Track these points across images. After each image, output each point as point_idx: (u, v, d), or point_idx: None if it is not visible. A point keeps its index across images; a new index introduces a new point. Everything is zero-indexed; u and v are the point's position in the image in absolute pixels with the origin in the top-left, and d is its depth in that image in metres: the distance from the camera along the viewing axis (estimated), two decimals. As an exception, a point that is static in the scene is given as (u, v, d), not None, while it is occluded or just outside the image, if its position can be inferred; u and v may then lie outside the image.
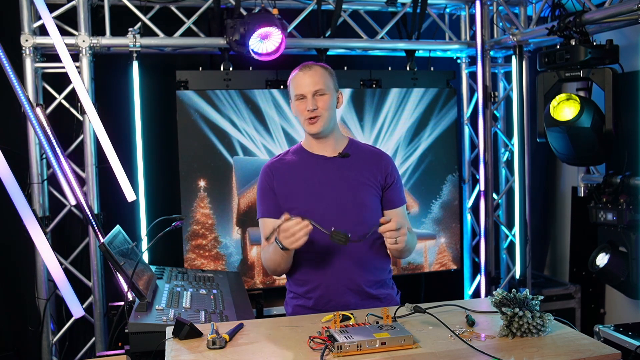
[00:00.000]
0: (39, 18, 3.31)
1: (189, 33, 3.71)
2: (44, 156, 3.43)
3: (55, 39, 3.25)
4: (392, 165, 2.26)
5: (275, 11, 3.43)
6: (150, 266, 2.73)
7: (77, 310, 3.12)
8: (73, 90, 3.40)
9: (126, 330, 2.04)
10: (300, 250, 2.02)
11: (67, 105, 3.54)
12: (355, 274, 2.16)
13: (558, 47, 3.14)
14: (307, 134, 2.22)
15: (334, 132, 2.21)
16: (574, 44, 3.06)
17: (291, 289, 2.27)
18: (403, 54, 4.14)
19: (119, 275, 2.80)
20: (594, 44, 3.05)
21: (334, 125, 2.21)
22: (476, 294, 4.28)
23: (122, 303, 2.44)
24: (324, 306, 2.15)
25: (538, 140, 3.36)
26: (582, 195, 3.70)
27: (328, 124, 2.15)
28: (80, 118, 3.51)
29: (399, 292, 2.33)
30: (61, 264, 3.37)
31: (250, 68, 3.82)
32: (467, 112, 4.36)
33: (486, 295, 4.13)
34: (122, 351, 2.35)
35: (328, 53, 3.93)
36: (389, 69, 4.17)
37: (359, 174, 2.18)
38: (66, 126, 3.57)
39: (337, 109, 2.23)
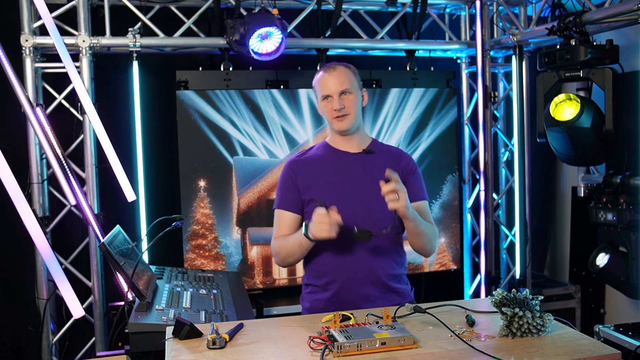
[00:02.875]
0: (39, 18, 3.31)
1: (189, 33, 3.71)
2: (44, 156, 3.43)
3: (55, 39, 3.25)
4: (413, 164, 2.32)
5: (275, 11, 3.43)
6: (150, 266, 2.73)
7: (77, 310, 3.11)
8: (73, 90, 3.40)
9: (126, 330, 2.04)
10: (320, 242, 2.07)
11: (67, 105, 3.54)
12: (376, 265, 2.21)
13: (558, 47, 3.14)
14: (333, 131, 2.28)
15: (359, 130, 2.28)
16: (574, 44, 3.06)
17: (309, 281, 2.30)
18: (403, 54, 4.14)
19: (119, 275, 2.80)
20: (594, 44, 3.05)
21: (360, 122, 2.28)
22: (476, 294, 4.28)
23: (122, 303, 2.45)
24: (344, 297, 2.18)
25: (538, 140, 3.36)
26: (582, 195, 3.70)
27: (355, 120, 2.22)
28: (80, 118, 3.51)
29: (412, 288, 2.37)
30: (61, 264, 3.37)
31: (250, 68, 3.82)
32: (467, 112, 4.36)
33: (486, 295, 4.13)
34: (122, 351, 2.35)
35: (328, 53, 3.93)
36: (389, 69, 4.17)
37: (381, 171, 2.21)
38: (66, 126, 3.57)
39: (362, 107, 2.30)
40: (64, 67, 3.30)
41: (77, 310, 3.12)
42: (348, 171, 2.23)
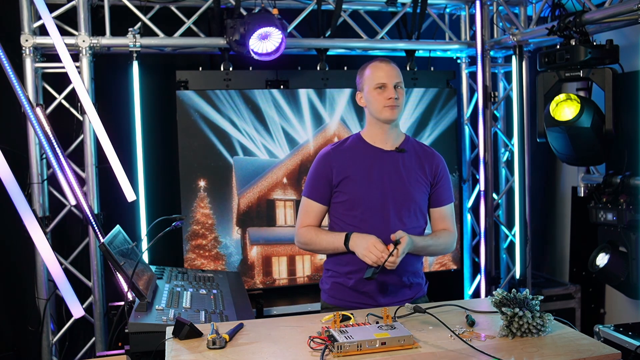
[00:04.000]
0: (39, 18, 3.31)
1: (189, 33, 3.71)
2: (44, 156, 3.43)
3: (55, 39, 3.25)
4: (443, 165, 2.39)
5: (275, 11, 3.43)
6: (150, 266, 2.74)
7: (77, 310, 3.12)
8: (73, 90, 3.40)
9: (126, 330, 2.05)
10: (349, 229, 2.20)
11: (67, 105, 3.54)
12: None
13: (558, 47, 3.14)
14: (372, 123, 2.31)
15: (397, 125, 2.33)
16: (574, 44, 3.06)
17: (330, 267, 2.34)
18: (403, 54, 4.14)
19: (119, 275, 2.80)
20: (594, 44, 3.05)
21: (400, 122, 2.34)
22: (476, 294, 4.28)
23: (122, 303, 2.45)
24: (362, 288, 2.23)
25: (538, 140, 3.36)
26: (582, 195, 3.70)
27: (401, 114, 2.29)
28: (80, 118, 3.51)
29: (427, 282, 2.42)
30: (61, 264, 3.37)
31: (250, 68, 3.82)
32: (467, 112, 4.36)
33: (486, 295, 4.13)
34: (122, 351, 2.35)
35: (328, 53, 3.93)
36: (389, 69, 4.16)
37: (412, 170, 2.30)
38: (66, 126, 3.57)
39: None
40: (64, 67, 3.31)
41: (77, 310, 3.12)
42: (380, 168, 2.26)
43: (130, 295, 2.24)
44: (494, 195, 4.27)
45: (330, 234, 2.25)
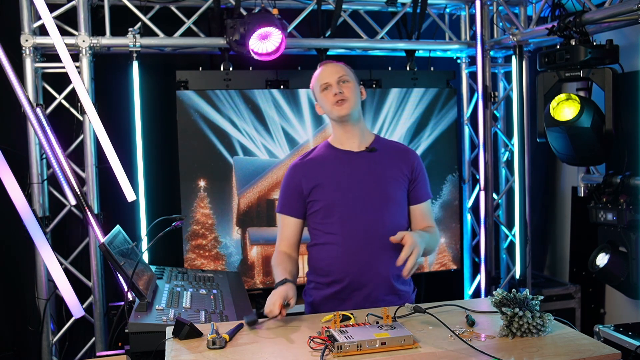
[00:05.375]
0: (39, 18, 3.31)
1: (189, 33, 3.71)
2: (44, 156, 3.43)
3: (55, 39, 3.25)
4: (418, 160, 2.32)
5: (275, 11, 3.43)
6: (150, 266, 2.73)
7: (77, 310, 3.12)
8: (73, 90, 3.40)
9: (126, 330, 2.04)
10: (325, 241, 2.19)
11: (67, 105, 3.54)
12: (380, 267, 2.19)
13: (558, 47, 3.14)
14: (335, 126, 2.27)
15: (360, 124, 2.26)
16: (574, 44, 3.06)
17: (312, 278, 2.30)
18: (403, 54, 4.14)
19: (119, 275, 2.80)
20: (594, 44, 3.04)
21: (360, 114, 2.26)
22: (476, 294, 4.28)
23: (122, 303, 2.44)
24: (347, 296, 2.18)
25: (538, 140, 3.36)
26: (582, 195, 3.70)
27: (354, 107, 2.20)
28: (80, 118, 3.51)
29: (415, 289, 2.35)
30: (61, 264, 3.37)
31: (250, 68, 3.82)
32: (467, 112, 4.36)
33: (486, 295, 4.13)
34: (122, 351, 2.35)
35: (328, 53, 3.93)
36: (389, 69, 4.17)
37: (386, 169, 2.23)
38: (66, 126, 3.57)
39: (362, 101, 2.30)
40: (64, 67, 3.31)
41: (77, 310, 3.13)
42: (352, 171, 2.21)
43: (130, 295, 2.24)
44: (494, 195, 4.27)
45: (279, 272, 2.12)
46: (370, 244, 2.17)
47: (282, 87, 3.83)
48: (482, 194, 4.12)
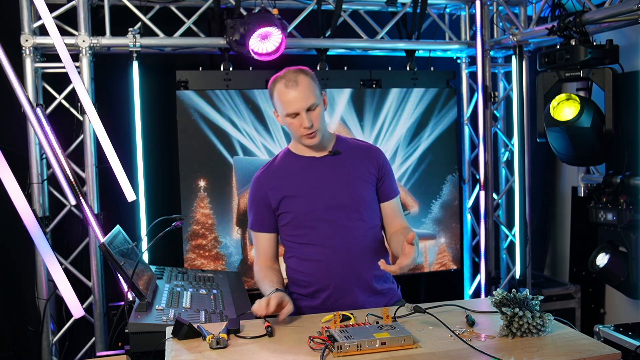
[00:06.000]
0: (39, 18, 3.31)
1: (189, 33, 3.71)
2: (44, 156, 3.43)
3: (55, 39, 3.25)
4: (383, 157, 2.27)
5: (275, 11, 3.43)
6: (150, 266, 2.73)
7: (77, 310, 3.12)
8: (73, 90, 3.40)
9: (126, 330, 2.04)
10: (301, 252, 2.17)
11: (67, 105, 3.54)
12: (362, 270, 2.17)
13: (558, 47, 3.14)
14: (298, 143, 2.19)
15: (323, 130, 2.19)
16: (574, 44, 3.06)
17: (294, 290, 2.27)
18: (403, 54, 4.14)
19: (119, 275, 2.80)
20: (594, 44, 3.04)
21: (325, 128, 2.19)
22: (476, 294, 4.28)
23: (122, 303, 2.44)
24: (331, 305, 2.14)
25: (538, 140, 3.36)
26: (582, 195, 3.70)
27: (323, 132, 2.15)
28: (80, 118, 3.51)
29: (399, 286, 2.34)
30: (61, 264, 3.37)
31: (250, 68, 3.82)
32: (467, 112, 4.36)
33: (486, 295, 4.13)
34: (122, 351, 2.35)
35: (328, 53, 3.93)
36: (389, 69, 4.17)
37: (352, 170, 2.19)
38: (66, 126, 3.57)
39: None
40: (64, 67, 3.31)
41: (77, 310, 3.12)
42: (319, 177, 2.16)
43: (130, 295, 2.24)
44: (494, 195, 4.27)
45: (266, 285, 2.10)
46: (349, 250, 2.14)
47: (282, 87, 3.82)
48: (482, 194, 4.12)
